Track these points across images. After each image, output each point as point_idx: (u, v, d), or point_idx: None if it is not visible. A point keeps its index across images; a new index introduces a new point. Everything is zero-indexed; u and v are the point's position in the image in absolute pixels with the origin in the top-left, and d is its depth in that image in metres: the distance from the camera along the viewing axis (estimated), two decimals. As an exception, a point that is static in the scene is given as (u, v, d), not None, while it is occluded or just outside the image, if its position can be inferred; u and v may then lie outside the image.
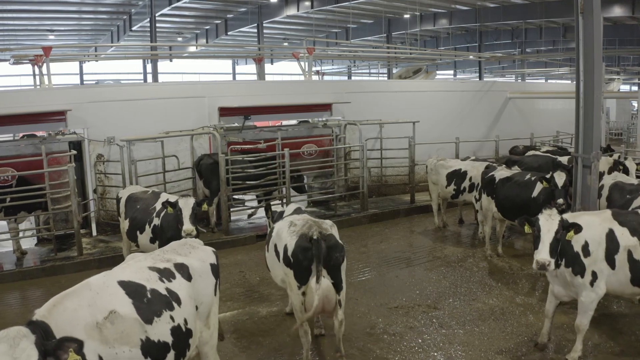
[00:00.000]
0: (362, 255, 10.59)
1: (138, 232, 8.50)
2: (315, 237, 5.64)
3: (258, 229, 12.03)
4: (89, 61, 34.06)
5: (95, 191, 11.88)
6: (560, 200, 8.18)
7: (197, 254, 5.00)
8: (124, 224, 8.90)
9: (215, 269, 5.04)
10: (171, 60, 38.28)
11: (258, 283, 9.13)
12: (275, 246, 6.16)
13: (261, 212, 12.43)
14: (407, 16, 27.92)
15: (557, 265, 5.85)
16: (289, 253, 5.79)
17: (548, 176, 8.58)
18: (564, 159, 12.24)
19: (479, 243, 11.11)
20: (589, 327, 6.18)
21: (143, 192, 9.00)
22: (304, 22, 30.32)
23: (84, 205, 11.95)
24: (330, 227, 6.06)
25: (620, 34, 28.90)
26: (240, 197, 13.68)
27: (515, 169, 11.04)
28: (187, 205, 7.49)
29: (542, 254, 5.64)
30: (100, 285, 4.12)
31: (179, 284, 4.52)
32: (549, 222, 5.75)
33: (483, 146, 17.16)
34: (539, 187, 8.85)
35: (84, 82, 33.75)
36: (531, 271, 8.53)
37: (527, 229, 5.98)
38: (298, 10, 24.31)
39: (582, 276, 5.86)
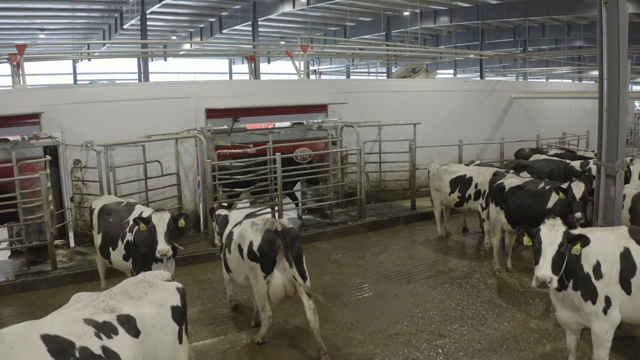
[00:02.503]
0: (359, 269, 9.78)
1: (110, 249, 7.70)
2: (279, 229, 6.26)
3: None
4: (81, 59, 33.41)
5: (72, 199, 11.05)
6: (579, 214, 7.33)
7: (155, 296, 4.14)
8: (97, 239, 8.10)
9: (178, 313, 4.19)
10: (165, 60, 37.60)
11: (245, 302, 8.31)
12: (239, 246, 6.56)
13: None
14: (406, 13, 27.19)
15: (564, 287, 5.09)
16: (255, 248, 6.29)
17: (564, 186, 7.74)
18: (575, 164, 11.45)
19: (484, 254, 10.32)
20: (613, 356, 5.41)
21: (117, 203, 8.18)
22: (300, 20, 29.58)
23: (61, 214, 11.14)
24: (288, 223, 6.56)
25: (625, 31, 28.11)
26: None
27: (525, 175, 10.26)
28: (161, 221, 6.66)
29: (543, 269, 4.89)
30: (19, 338, 3.31)
31: (121, 342, 3.70)
32: (551, 233, 5.00)
33: (487, 149, 16.34)
34: (554, 197, 7.98)
35: (78, 82, 33.13)
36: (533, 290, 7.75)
37: (526, 240, 5.21)
38: (294, 7, 23.53)
39: (594, 302, 5.08)
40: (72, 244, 11.17)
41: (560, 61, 30.72)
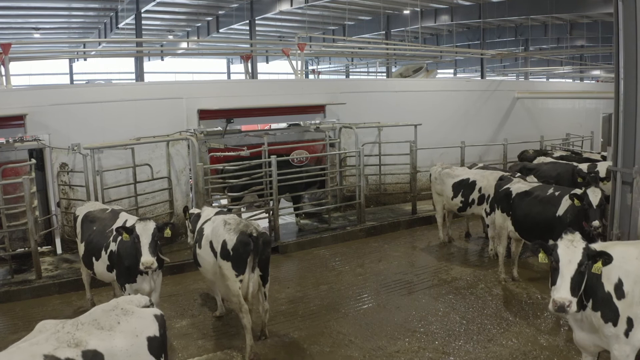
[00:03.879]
0: (358, 278, 9.33)
1: (94, 259, 7.24)
2: (254, 234, 6.38)
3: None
4: (77, 59, 33.01)
5: (58, 204, 10.59)
6: (596, 222, 6.83)
7: (129, 325, 3.69)
8: (81, 248, 7.65)
9: (156, 344, 3.74)
10: (162, 59, 37.13)
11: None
12: (211, 243, 6.70)
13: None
14: (407, 12, 26.76)
15: (583, 307, 4.64)
16: (229, 247, 6.39)
17: (579, 192, 7.27)
18: (583, 166, 11.01)
19: (489, 262, 9.88)
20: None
21: (101, 211, 7.72)
22: (299, 19, 29.15)
23: (48, 220, 10.69)
24: (260, 227, 6.71)
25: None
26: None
27: (532, 179, 9.81)
28: (146, 231, 6.22)
29: (562, 291, 4.42)
30: None
31: None
32: (570, 250, 4.53)
33: (490, 150, 15.90)
34: (565, 204, 7.51)
35: (74, 82, 32.73)
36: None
37: (542, 257, 4.75)
38: (291, 6, 23.07)
39: (615, 324, 4.62)
40: (59, 250, 10.72)
41: (562, 60, 30.30)
